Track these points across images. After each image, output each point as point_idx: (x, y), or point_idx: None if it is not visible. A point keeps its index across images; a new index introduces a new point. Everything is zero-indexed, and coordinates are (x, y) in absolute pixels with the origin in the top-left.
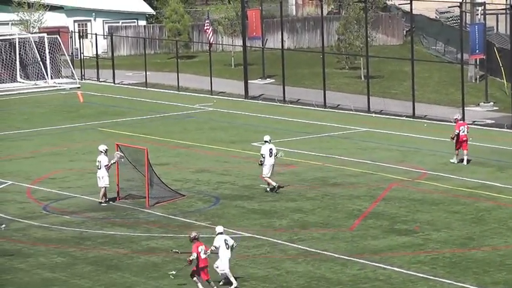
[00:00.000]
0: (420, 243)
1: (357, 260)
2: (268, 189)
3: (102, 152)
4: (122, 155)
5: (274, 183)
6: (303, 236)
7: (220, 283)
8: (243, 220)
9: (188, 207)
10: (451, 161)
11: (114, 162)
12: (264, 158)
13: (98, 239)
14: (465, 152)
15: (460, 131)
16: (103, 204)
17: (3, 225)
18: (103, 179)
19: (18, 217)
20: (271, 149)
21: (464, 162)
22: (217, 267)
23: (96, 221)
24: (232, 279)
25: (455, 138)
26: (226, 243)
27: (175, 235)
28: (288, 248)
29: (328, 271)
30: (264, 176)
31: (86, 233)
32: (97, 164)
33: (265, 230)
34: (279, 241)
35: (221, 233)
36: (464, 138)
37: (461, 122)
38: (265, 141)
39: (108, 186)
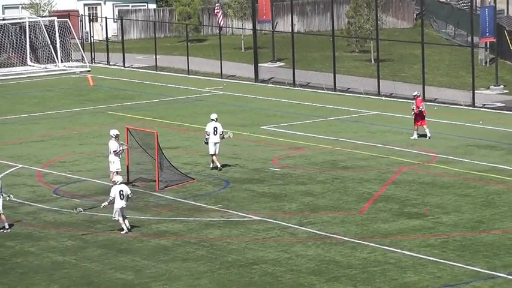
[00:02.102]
0: (430, 226)
1: (367, 243)
2: (211, 166)
3: (112, 137)
4: (125, 147)
5: (218, 164)
6: (312, 220)
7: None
8: (253, 203)
9: (198, 191)
10: (412, 137)
11: (122, 150)
12: (208, 135)
13: (108, 222)
14: (425, 127)
15: (422, 107)
16: None
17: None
18: (114, 163)
19: (29, 200)
20: (215, 127)
21: (428, 135)
22: (114, 218)
23: None
24: (123, 226)
25: (413, 114)
26: (121, 194)
27: (185, 218)
28: (298, 232)
29: (338, 254)
30: (210, 153)
31: (96, 217)
32: (108, 148)
33: (275, 214)
34: (289, 224)
35: (122, 183)
36: (424, 114)
37: (420, 98)
38: (212, 119)
39: (120, 170)
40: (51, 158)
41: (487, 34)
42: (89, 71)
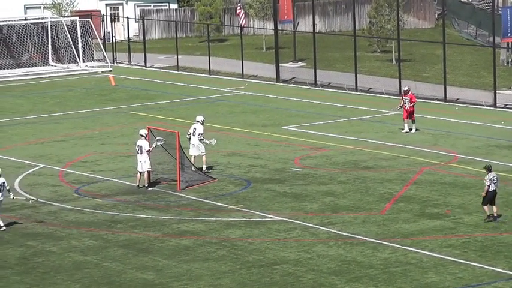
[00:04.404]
0: (451, 226)
1: (388, 243)
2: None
3: (143, 136)
4: (163, 139)
5: (193, 166)
6: (334, 220)
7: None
8: (274, 203)
9: (219, 191)
10: (404, 131)
11: (155, 147)
12: (188, 136)
13: (129, 222)
14: (406, 121)
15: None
16: (149, 188)
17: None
18: (145, 163)
19: (50, 200)
20: (195, 128)
21: (414, 129)
22: None
23: (127, 204)
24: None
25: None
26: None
27: (206, 218)
28: (319, 232)
29: (359, 255)
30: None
31: (117, 216)
32: (137, 148)
33: (297, 214)
34: (310, 224)
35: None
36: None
37: (412, 93)
38: (196, 121)
39: (151, 169)
40: (73, 157)
41: (509, 34)
42: (110, 71)
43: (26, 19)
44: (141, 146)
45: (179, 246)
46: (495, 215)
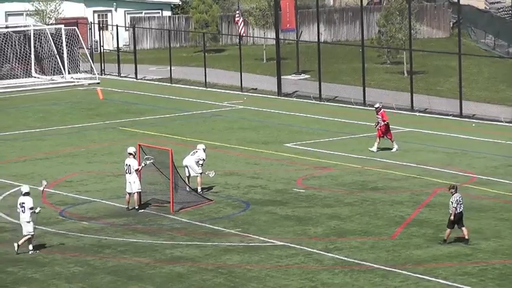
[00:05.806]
0: (467, 253)
1: (399, 271)
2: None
3: (131, 154)
4: (152, 157)
5: (187, 185)
6: (340, 245)
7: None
8: (275, 227)
9: (216, 213)
10: (372, 149)
11: (144, 166)
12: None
13: (118, 247)
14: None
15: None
16: (140, 211)
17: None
18: (135, 183)
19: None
20: (196, 151)
21: (396, 147)
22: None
23: (116, 227)
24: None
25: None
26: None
27: (201, 243)
28: (323, 258)
29: (367, 283)
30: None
31: (105, 241)
32: (125, 167)
33: (299, 238)
34: (314, 250)
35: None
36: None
37: (384, 110)
38: (198, 149)
39: (141, 190)
40: (57, 177)
41: None
42: (98, 83)
43: (7, 27)
44: (129, 165)
45: (172, 274)
46: (466, 237)
